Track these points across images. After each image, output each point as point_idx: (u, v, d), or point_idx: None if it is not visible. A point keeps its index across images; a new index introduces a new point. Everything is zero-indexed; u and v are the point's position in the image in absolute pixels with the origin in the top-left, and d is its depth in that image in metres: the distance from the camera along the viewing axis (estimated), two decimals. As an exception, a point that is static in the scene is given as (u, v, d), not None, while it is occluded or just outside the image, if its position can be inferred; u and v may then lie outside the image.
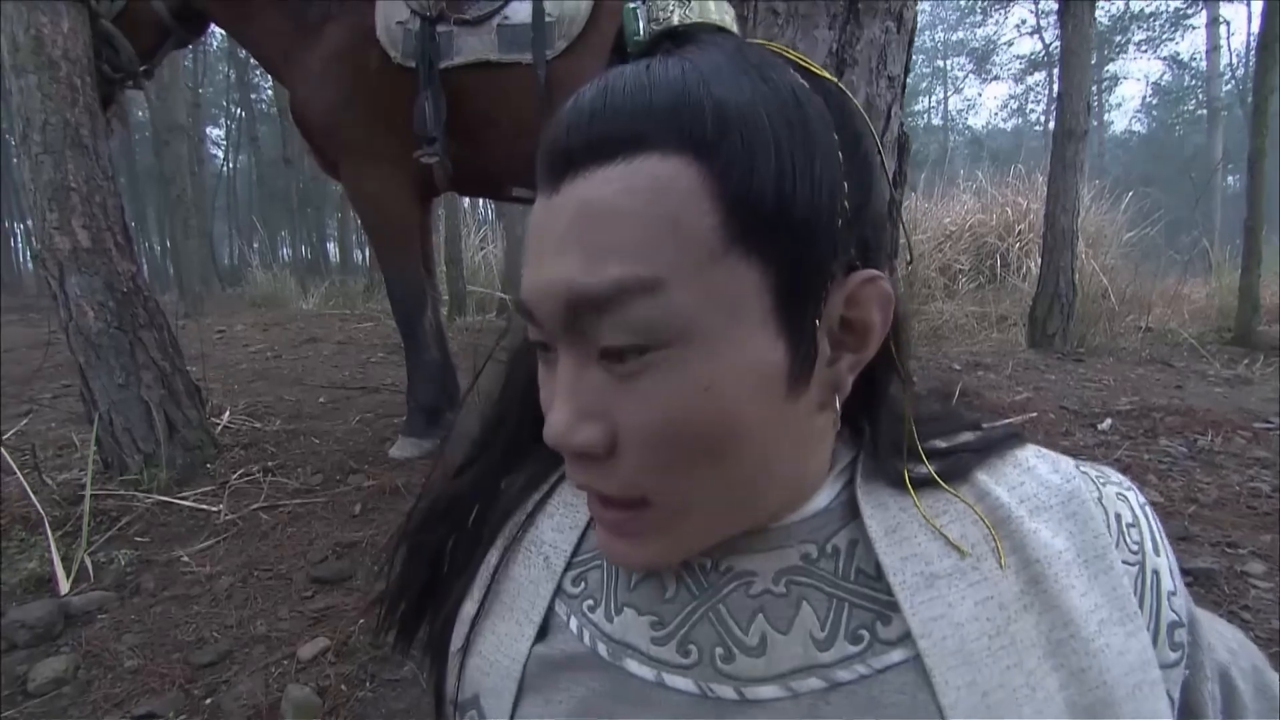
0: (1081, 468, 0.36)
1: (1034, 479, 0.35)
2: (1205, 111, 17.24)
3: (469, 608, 0.39)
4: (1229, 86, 15.82)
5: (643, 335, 0.28)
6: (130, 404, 2.06)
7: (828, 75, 0.33)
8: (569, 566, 0.37)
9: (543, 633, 0.37)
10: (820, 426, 0.34)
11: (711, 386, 0.29)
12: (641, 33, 0.32)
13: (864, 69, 0.72)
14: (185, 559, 1.73)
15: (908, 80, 0.80)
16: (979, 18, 21.79)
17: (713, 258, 0.28)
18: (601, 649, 0.34)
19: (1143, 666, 0.31)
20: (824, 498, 0.35)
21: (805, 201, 0.29)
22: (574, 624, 0.36)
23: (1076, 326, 4.39)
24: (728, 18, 0.32)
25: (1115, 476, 0.37)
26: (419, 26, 2.11)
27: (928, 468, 0.34)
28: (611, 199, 0.28)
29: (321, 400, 3.08)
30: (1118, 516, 0.34)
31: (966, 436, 0.37)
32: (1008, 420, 2.51)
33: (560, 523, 0.39)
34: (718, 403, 0.29)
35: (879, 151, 0.33)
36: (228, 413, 2.72)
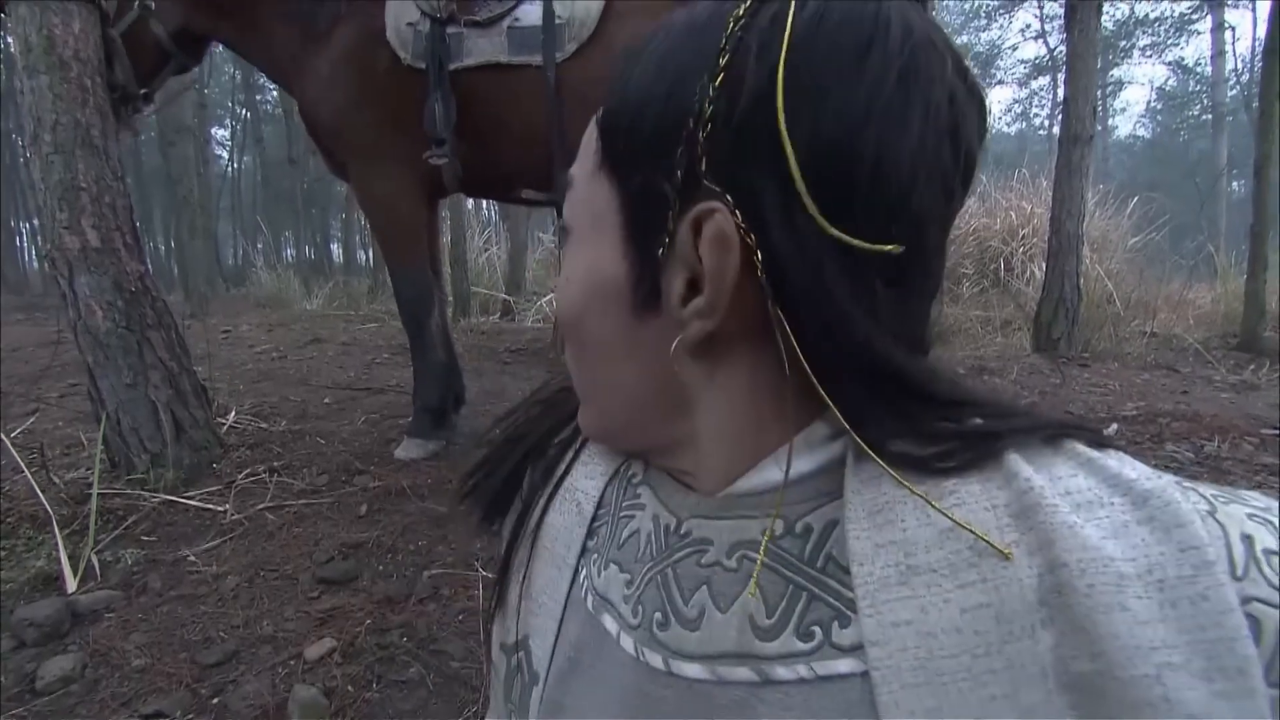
0: (1186, 484, 0.26)
1: (1094, 473, 0.26)
2: (1210, 117, 17.21)
3: (522, 554, 0.40)
4: (1234, 92, 15.78)
5: (563, 214, 0.35)
6: (138, 403, 2.07)
7: None
8: (594, 518, 0.38)
9: (575, 573, 0.38)
10: (697, 375, 0.31)
11: (570, 277, 0.34)
12: None
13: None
14: (192, 558, 1.73)
15: None
16: (983, 22, 21.79)
17: (593, 173, 0.32)
18: (589, 601, 0.35)
19: None
20: (804, 463, 0.30)
21: (651, 122, 0.29)
22: (582, 573, 0.37)
23: (1081, 331, 4.38)
24: None
25: (1255, 499, 0.26)
26: (429, 28, 2.11)
27: (927, 445, 0.28)
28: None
29: (327, 401, 3.09)
30: (1247, 538, 0.24)
31: (1018, 419, 0.29)
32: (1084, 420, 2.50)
33: (591, 470, 0.39)
34: (569, 291, 0.34)
35: (778, 69, 0.26)
36: (233, 413, 2.72)
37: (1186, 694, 0.21)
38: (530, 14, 2.10)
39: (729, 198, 0.27)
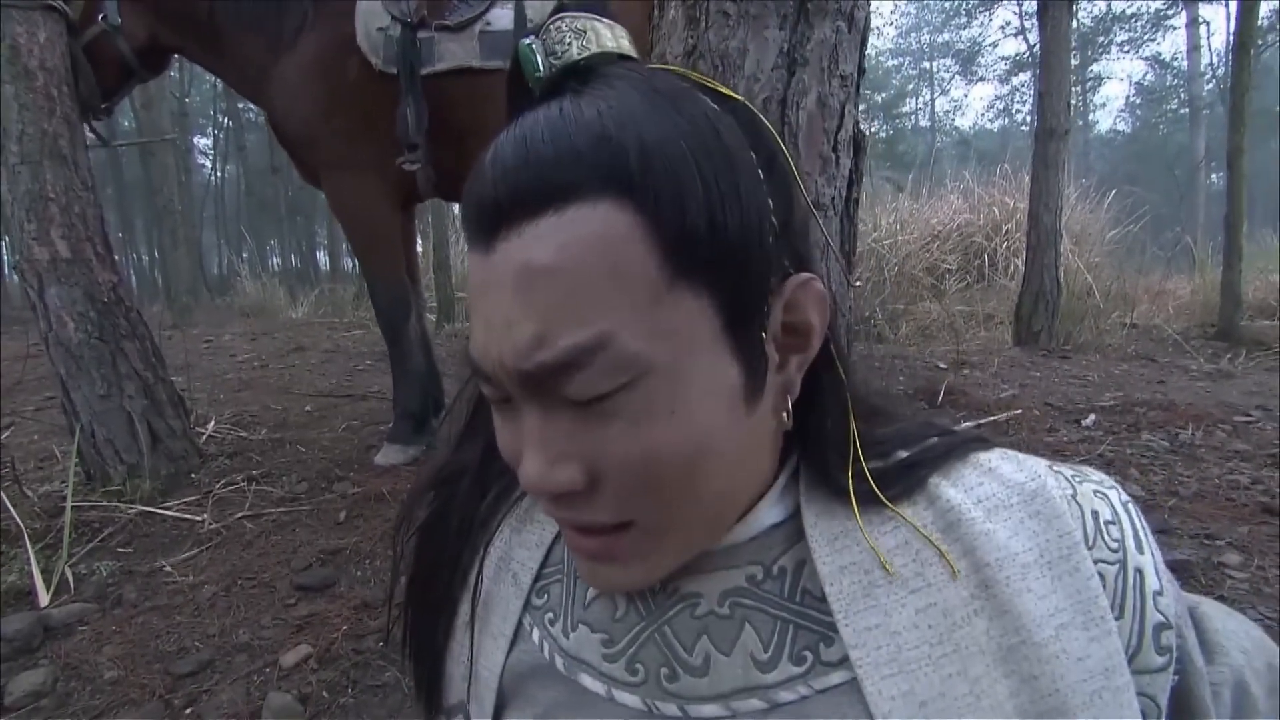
0: (1055, 468, 0.35)
1: (995, 479, 0.34)
2: (1187, 110, 17.43)
3: (460, 618, 0.40)
4: (1210, 86, 16.02)
5: (604, 384, 0.28)
6: (112, 415, 2.05)
7: (734, 95, 0.33)
8: (536, 578, 0.39)
9: (514, 643, 0.38)
10: (775, 430, 0.34)
11: (676, 412, 0.29)
12: (542, 69, 0.31)
13: (815, 68, 0.73)
14: (168, 569, 1.72)
15: (862, 80, 0.81)
16: (964, 20, 21.98)
17: (657, 297, 0.28)
18: (559, 662, 0.36)
19: (1105, 672, 0.29)
20: (772, 514, 0.35)
21: (736, 225, 0.29)
22: (536, 635, 0.37)
23: (1062, 324, 4.42)
24: (624, 43, 0.32)
25: (1095, 475, 0.35)
26: (400, 32, 2.10)
27: (869, 483, 0.34)
28: (550, 261, 0.28)
29: (308, 408, 3.07)
30: (1095, 514, 0.33)
31: (932, 443, 0.36)
32: (976, 423, 2.54)
33: (528, 539, 0.40)
34: (686, 427, 0.29)
35: (788, 160, 0.34)
36: (213, 422, 2.70)
37: (1073, 643, 0.29)
38: (502, 19, 2.10)
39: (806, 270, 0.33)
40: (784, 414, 0.34)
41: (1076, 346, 4.37)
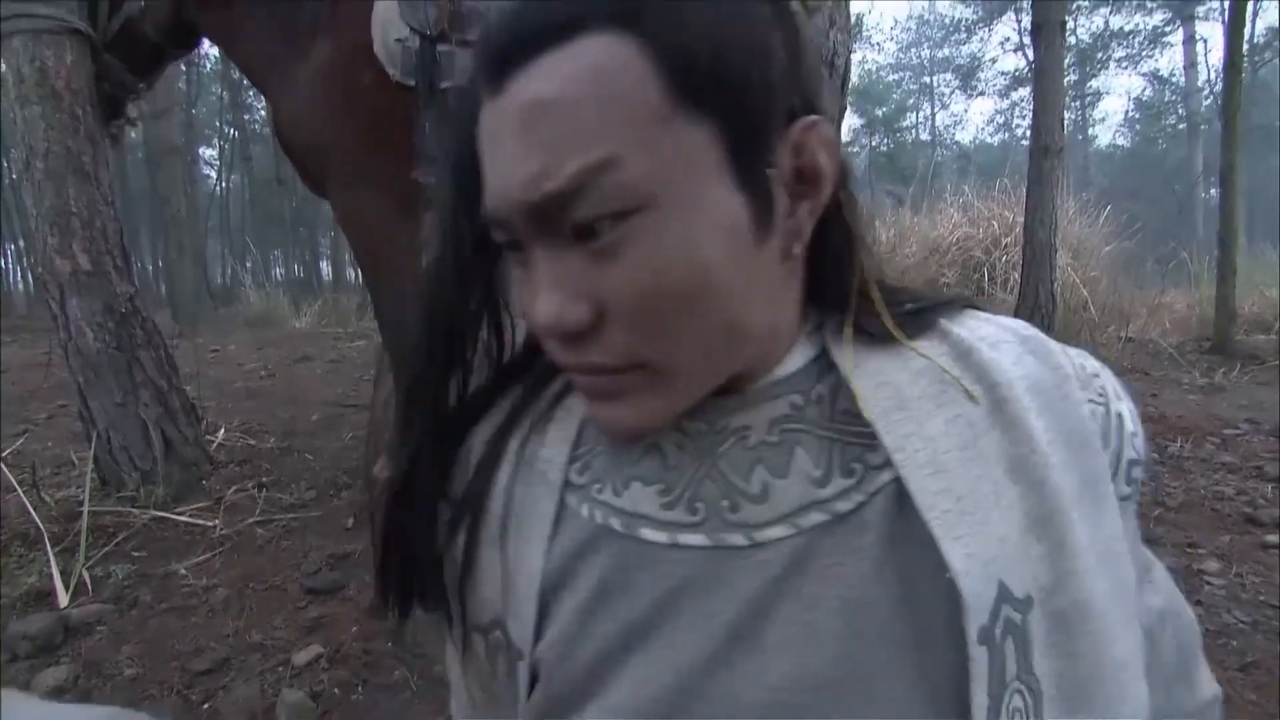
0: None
1: (994, 324, 0.38)
2: (1185, 126, 17.57)
3: (485, 530, 0.39)
4: (1208, 101, 16.15)
5: (610, 205, 0.29)
6: (128, 422, 2.11)
7: None
8: (572, 460, 0.39)
9: (554, 538, 0.37)
10: (785, 275, 0.36)
11: (685, 242, 0.30)
12: None
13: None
14: (182, 572, 1.77)
15: (843, 117, 0.86)
16: (964, 35, 22.20)
17: (661, 123, 0.29)
18: (615, 523, 0.36)
19: (1093, 482, 0.34)
20: (800, 357, 0.37)
21: (741, 55, 0.30)
22: (586, 510, 0.37)
23: (1058, 338, 4.43)
24: None
25: (1074, 349, 0.40)
26: (419, 45, 2.11)
27: (887, 320, 0.37)
28: (555, 93, 0.29)
29: (315, 418, 3.13)
30: (1081, 366, 0.38)
31: (934, 297, 0.40)
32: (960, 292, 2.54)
33: (550, 438, 0.39)
34: (693, 257, 0.30)
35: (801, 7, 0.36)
36: (223, 430, 2.76)
37: (1061, 456, 0.34)
38: None
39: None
40: (794, 253, 0.35)
41: (1072, 360, 4.41)
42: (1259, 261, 7.59)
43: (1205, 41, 16.56)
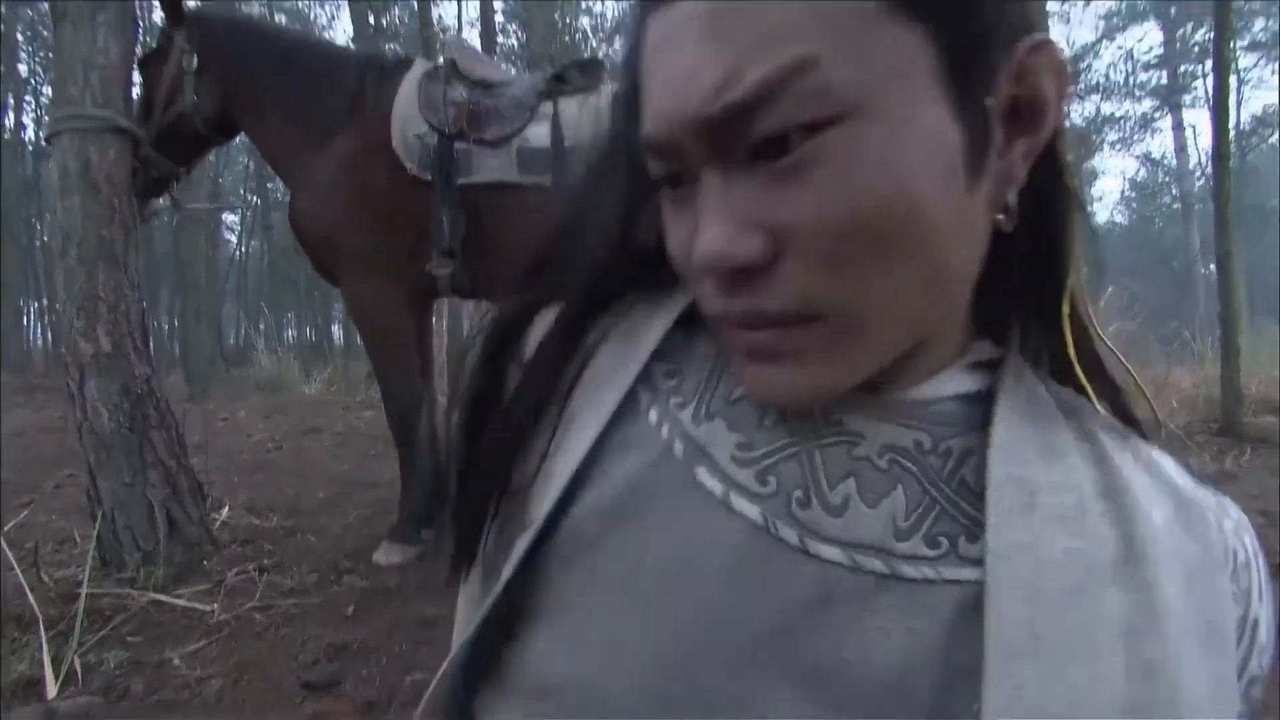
0: (1209, 490, 0.33)
1: (1158, 470, 0.32)
2: (1180, 206, 18.00)
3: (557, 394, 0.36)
4: (1201, 183, 16.60)
5: (804, 113, 0.25)
6: (134, 502, 2.12)
7: None
8: (661, 357, 0.35)
9: (614, 421, 0.33)
10: (983, 237, 0.30)
11: (891, 164, 0.26)
12: None
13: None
14: (176, 661, 1.74)
15: None
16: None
17: (868, 25, 0.25)
18: (678, 447, 0.32)
19: (1219, 688, 0.28)
20: (952, 385, 0.32)
21: None
22: (654, 415, 0.33)
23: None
24: None
25: (1235, 511, 0.34)
26: (437, 142, 2.15)
27: (1085, 385, 0.32)
28: None
29: (320, 495, 3.12)
30: (1234, 552, 0.32)
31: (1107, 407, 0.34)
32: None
33: (651, 324, 0.35)
34: (898, 182, 0.26)
35: None
36: (227, 508, 2.76)
37: (1194, 651, 0.28)
38: (538, 135, 2.15)
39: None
40: (1008, 203, 0.29)
41: (1079, 442, 4.38)
42: (1262, 339, 7.62)
43: (1194, 128, 17.18)
